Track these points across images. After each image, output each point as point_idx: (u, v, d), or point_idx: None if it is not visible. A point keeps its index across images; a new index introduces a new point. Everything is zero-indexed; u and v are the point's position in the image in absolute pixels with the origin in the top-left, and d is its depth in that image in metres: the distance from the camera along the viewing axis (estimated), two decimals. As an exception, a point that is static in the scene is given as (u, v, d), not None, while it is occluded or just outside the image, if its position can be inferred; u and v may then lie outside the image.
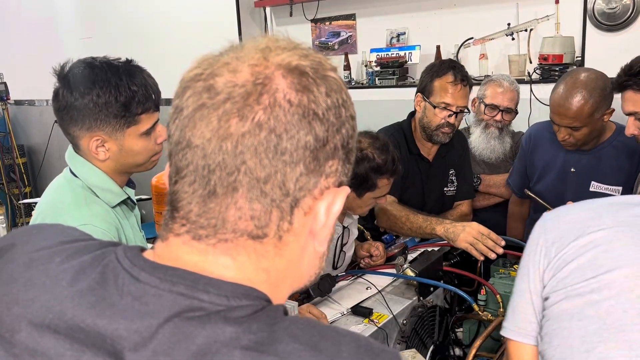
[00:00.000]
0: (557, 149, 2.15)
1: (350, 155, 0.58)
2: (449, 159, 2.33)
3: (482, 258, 1.79)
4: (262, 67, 0.53)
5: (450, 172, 2.32)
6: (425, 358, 1.62)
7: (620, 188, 2.00)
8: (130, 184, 1.44)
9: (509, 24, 3.06)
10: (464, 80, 2.13)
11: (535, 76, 2.99)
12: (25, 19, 5.39)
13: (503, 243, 1.77)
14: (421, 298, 1.70)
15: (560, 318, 0.90)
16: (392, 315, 1.62)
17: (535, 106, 3.00)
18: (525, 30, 3.02)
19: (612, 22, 2.78)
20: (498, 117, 2.50)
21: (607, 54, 2.81)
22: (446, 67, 2.15)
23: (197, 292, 0.51)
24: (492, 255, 1.77)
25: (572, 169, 2.12)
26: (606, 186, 2.03)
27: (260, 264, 0.55)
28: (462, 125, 2.84)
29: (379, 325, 1.56)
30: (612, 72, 1.81)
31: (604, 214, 0.92)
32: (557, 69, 2.88)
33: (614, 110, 1.98)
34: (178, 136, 0.54)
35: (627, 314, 0.84)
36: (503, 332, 1.06)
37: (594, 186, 2.06)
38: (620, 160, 2.01)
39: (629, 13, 2.74)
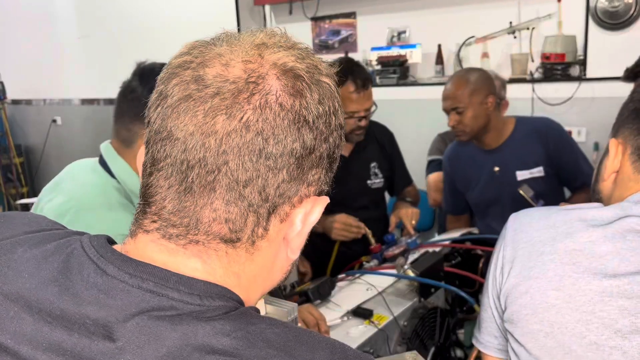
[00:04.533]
0: (475, 158, 2.30)
1: (334, 165, 0.57)
2: (369, 152, 2.34)
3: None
4: (256, 64, 0.51)
5: (372, 165, 2.33)
6: (427, 360, 1.60)
7: (541, 167, 2.18)
8: None
9: (510, 23, 3.05)
10: (365, 84, 2.11)
11: (537, 75, 2.97)
12: (23, 18, 5.38)
13: (363, 231, 2.10)
14: (422, 299, 1.69)
15: None
16: (392, 317, 1.60)
17: (537, 105, 2.98)
18: (527, 29, 3.00)
19: (615, 21, 2.76)
20: None
21: (610, 53, 2.79)
22: (344, 76, 2.07)
23: (167, 289, 0.49)
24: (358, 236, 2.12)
25: (495, 168, 2.25)
26: (529, 170, 2.19)
27: (231, 268, 0.53)
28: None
29: (379, 327, 1.55)
30: (615, 70, 1.79)
31: (559, 238, 0.88)
32: (559, 67, 2.87)
33: (503, 102, 2.27)
34: (159, 125, 0.51)
35: None
36: (473, 341, 1.06)
37: (520, 175, 2.20)
38: (531, 143, 2.19)
39: (631, 11, 2.73)
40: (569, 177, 2.22)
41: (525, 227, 0.93)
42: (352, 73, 2.07)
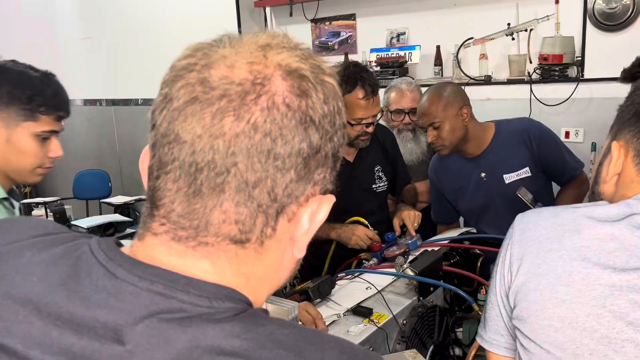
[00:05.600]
0: (460, 168, 2.30)
1: (337, 163, 0.57)
2: (372, 156, 2.31)
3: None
4: (261, 65, 0.51)
5: (376, 169, 2.31)
6: (425, 358, 1.61)
7: (527, 168, 2.20)
8: (15, 196, 1.40)
9: (509, 24, 3.06)
10: (374, 90, 2.06)
11: (535, 76, 2.99)
12: (24, 19, 5.38)
13: (378, 239, 2.13)
14: (421, 298, 1.69)
15: (537, 356, 0.90)
16: (392, 315, 1.61)
17: (535, 106, 3.00)
18: (525, 30, 3.01)
19: (612, 22, 2.78)
20: (406, 120, 2.63)
21: (607, 54, 2.81)
22: (353, 82, 2.02)
23: (176, 292, 0.49)
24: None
25: (482, 175, 2.26)
26: (516, 172, 2.21)
27: (241, 269, 0.53)
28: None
29: (378, 326, 1.55)
30: (613, 71, 1.80)
31: (566, 235, 0.89)
32: (557, 69, 2.88)
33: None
34: (165, 128, 0.51)
35: (592, 356, 0.83)
36: (478, 339, 1.05)
37: (507, 178, 2.22)
38: (514, 146, 2.21)
39: (629, 13, 2.74)
40: (556, 172, 2.23)
41: (532, 225, 0.94)
42: (361, 79, 2.03)
